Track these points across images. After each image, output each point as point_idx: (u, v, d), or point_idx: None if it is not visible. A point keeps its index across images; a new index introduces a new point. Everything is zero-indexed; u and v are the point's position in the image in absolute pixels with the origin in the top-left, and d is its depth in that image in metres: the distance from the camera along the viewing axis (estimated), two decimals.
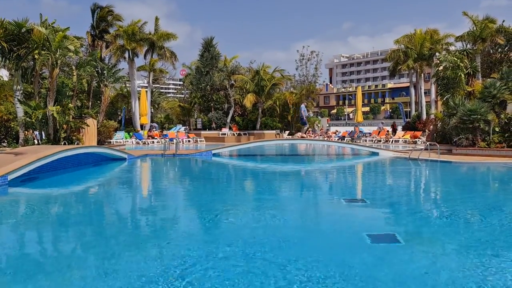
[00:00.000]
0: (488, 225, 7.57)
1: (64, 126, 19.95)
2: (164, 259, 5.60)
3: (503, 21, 33.90)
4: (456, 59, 23.54)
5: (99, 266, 5.41)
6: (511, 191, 12.48)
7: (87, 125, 21.65)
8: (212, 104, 41.40)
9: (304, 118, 35.54)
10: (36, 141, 20.18)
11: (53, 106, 19.18)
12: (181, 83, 67.48)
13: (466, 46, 31.79)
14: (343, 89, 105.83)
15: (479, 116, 19.22)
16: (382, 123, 43.27)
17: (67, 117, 19.76)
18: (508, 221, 7.96)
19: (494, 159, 17.83)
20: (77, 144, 20.11)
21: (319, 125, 39.87)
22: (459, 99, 21.48)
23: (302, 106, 28.31)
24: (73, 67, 21.93)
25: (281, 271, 5.08)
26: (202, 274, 5.01)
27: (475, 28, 32.40)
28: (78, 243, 6.76)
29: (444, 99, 23.73)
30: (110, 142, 28.31)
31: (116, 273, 5.08)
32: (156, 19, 38.31)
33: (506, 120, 19.19)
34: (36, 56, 19.71)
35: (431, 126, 27.43)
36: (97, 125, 24.52)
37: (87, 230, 7.53)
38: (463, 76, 23.24)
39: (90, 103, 27.79)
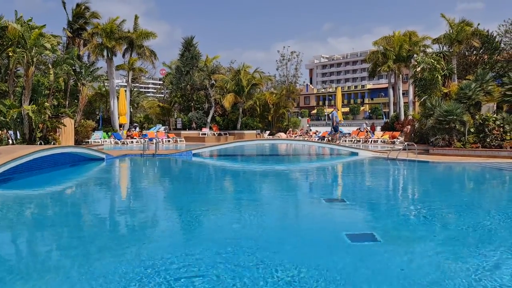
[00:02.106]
0: (464, 223, 7.70)
1: (40, 125, 19.56)
2: (142, 260, 5.53)
3: (478, 24, 34.69)
4: (433, 61, 23.94)
5: (74, 268, 5.31)
6: (485, 190, 12.74)
7: (64, 125, 21.28)
8: (192, 104, 41.19)
9: (336, 124, 34.61)
10: (10, 141, 19.73)
11: (29, 105, 18.79)
12: (161, 82, 66.99)
13: (443, 48, 32.42)
14: (323, 90, 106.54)
15: (455, 117, 19.57)
16: (366, 123, 43.75)
17: (43, 116, 19.38)
18: (483, 219, 8.11)
19: (469, 159, 18.17)
20: (54, 144, 19.75)
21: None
22: (436, 100, 21.83)
23: (334, 112, 28.06)
24: (50, 65, 21.52)
25: (260, 270, 5.07)
26: (180, 274, 4.97)
27: (451, 31, 33.01)
28: (53, 245, 6.63)
29: (422, 100, 24.11)
30: (88, 142, 27.90)
31: (92, 275, 4.99)
32: (136, 17, 37.94)
33: (480, 121, 19.57)
34: (10, 54, 19.29)
35: (409, 127, 27.81)
36: (75, 125, 24.13)
37: (63, 231, 7.40)
38: (439, 77, 23.65)
39: (67, 102, 27.32)
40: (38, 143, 19.04)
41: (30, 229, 7.73)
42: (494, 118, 19.36)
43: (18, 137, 19.27)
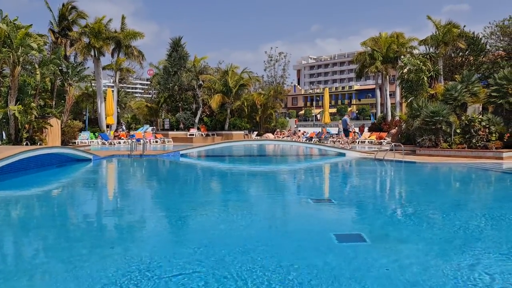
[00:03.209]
0: (450, 223, 7.79)
1: (26, 126, 19.37)
2: (128, 261, 5.50)
3: (464, 26, 35.08)
4: (419, 62, 24.18)
5: (59, 271, 5.27)
6: (471, 191, 12.91)
7: (51, 125, 21.09)
8: (180, 104, 41.05)
9: (350, 129, 34.54)
10: None
11: (15, 105, 18.60)
12: (149, 83, 66.65)
13: (429, 50, 32.72)
14: (310, 91, 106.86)
15: (441, 118, 19.78)
16: (353, 124, 44.08)
17: (29, 116, 19.19)
18: (469, 219, 8.22)
19: (455, 159, 18.37)
20: (40, 144, 19.56)
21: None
22: (422, 101, 22.04)
23: (347, 118, 28.32)
24: (36, 65, 21.31)
25: (248, 271, 5.08)
26: (168, 276, 4.96)
27: (437, 33, 33.33)
28: (39, 246, 6.57)
29: (408, 101, 24.33)
30: (75, 142, 27.65)
31: (76, 278, 4.96)
32: (123, 17, 37.71)
33: (466, 121, 19.80)
34: None
35: (396, 127, 28.04)
36: (61, 125, 23.91)
37: (49, 233, 7.33)
38: (426, 79, 23.89)
39: (53, 103, 27.09)
40: (24, 143, 18.84)
41: (14, 230, 7.65)
42: (479, 119, 19.59)
43: (4, 137, 19.05)
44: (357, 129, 37.73)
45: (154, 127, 40.89)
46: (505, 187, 13.31)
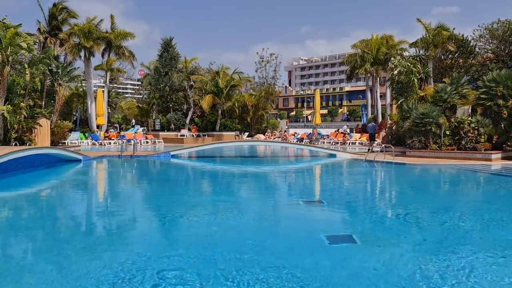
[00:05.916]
0: (440, 225, 7.85)
1: (15, 126, 19.18)
2: (118, 264, 5.47)
3: (454, 28, 35.38)
4: (409, 64, 24.36)
5: (48, 273, 5.23)
6: (460, 192, 13.01)
7: (40, 125, 20.90)
8: (171, 105, 40.96)
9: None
10: None
11: (4, 105, 18.42)
12: (139, 83, 66.38)
13: (419, 52, 32.96)
14: (301, 92, 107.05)
15: (431, 120, 19.94)
16: (347, 125, 44.45)
17: (18, 116, 19.01)
18: (458, 220, 8.29)
19: (444, 160, 18.52)
20: (29, 145, 19.39)
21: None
22: (412, 103, 22.20)
23: (375, 125, 28.59)
24: (25, 65, 21.12)
25: (238, 273, 5.08)
26: (157, 277, 4.95)
27: (427, 35, 33.60)
28: (27, 248, 6.51)
29: (398, 102, 24.50)
30: (65, 143, 27.46)
31: (65, 280, 4.93)
32: (112, 17, 37.56)
33: (456, 123, 19.98)
34: None
35: (387, 129, 28.20)
36: (51, 125, 23.72)
37: (37, 234, 7.27)
38: (416, 80, 24.08)
39: (43, 103, 26.89)
40: (13, 144, 18.67)
41: (6, 231, 7.57)
42: (469, 121, 19.78)
43: None
44: (348, 131, 37.97)
45: (145, 128, 40.78)
46: (494, 189, 13.43)
